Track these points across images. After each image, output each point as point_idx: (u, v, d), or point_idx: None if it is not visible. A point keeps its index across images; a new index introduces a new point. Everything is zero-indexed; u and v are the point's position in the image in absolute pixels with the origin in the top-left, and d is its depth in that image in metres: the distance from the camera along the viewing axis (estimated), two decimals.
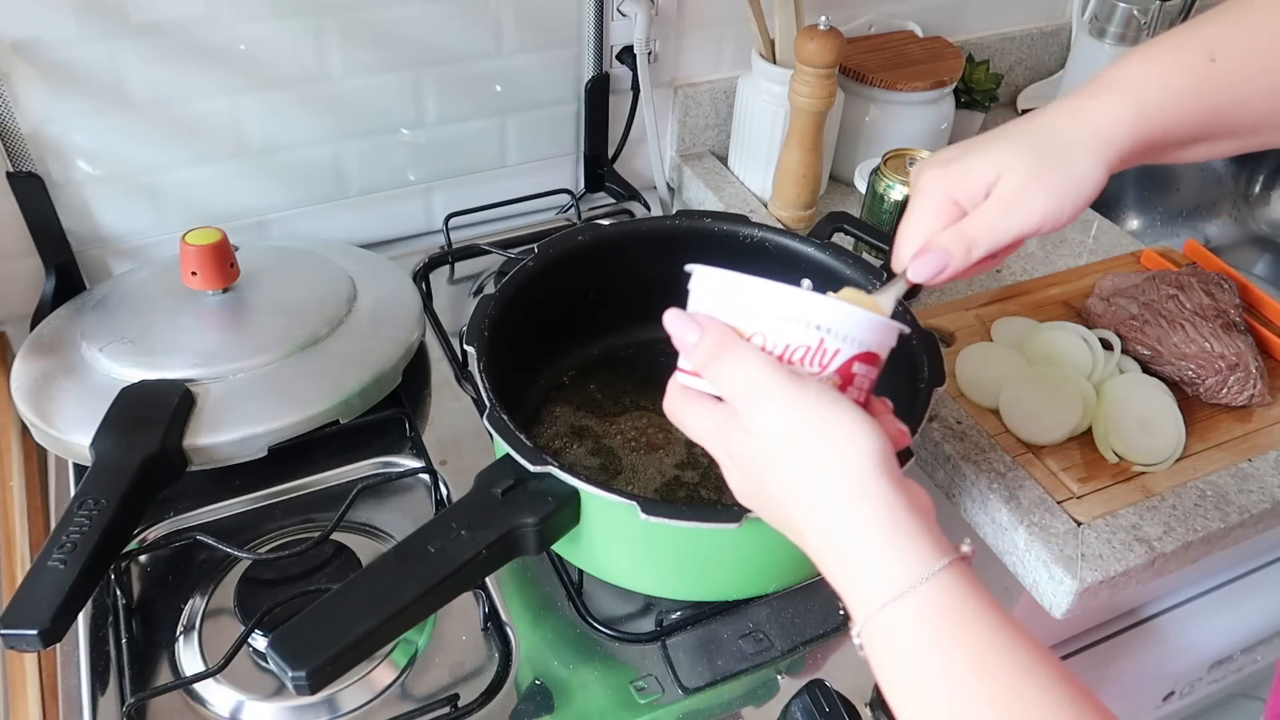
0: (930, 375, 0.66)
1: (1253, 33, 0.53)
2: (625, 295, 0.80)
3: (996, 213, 0.52)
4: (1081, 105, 0.53)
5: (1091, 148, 0.51)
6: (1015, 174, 0.52)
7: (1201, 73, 0.52)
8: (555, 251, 0.76)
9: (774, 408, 0.44)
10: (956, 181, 0.53)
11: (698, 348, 0.46)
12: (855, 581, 0.42)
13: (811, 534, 0.44)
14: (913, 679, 0.40)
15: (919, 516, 0.42)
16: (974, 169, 0.52)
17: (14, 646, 0.57)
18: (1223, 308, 0.85)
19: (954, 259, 0.52)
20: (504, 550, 0.59)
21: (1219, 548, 0.74)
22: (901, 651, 0.40)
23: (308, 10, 0.86)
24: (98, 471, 0.67)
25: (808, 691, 0.60)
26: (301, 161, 0.95)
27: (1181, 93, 0.52)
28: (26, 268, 0.88)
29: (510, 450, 0.60)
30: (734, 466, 0.48)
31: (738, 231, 0.79)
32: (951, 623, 0.40)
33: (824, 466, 0.43)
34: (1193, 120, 0.53)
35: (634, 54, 1.00)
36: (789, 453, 0.44)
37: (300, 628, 0.53)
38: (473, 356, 0.66)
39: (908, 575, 0.40)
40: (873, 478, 0.42)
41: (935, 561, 0.41)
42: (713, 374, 0.46)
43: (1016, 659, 0.39)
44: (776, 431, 0.44)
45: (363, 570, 0.56)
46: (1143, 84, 0.53)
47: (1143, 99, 0.52)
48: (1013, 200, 0.51)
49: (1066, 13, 1.27)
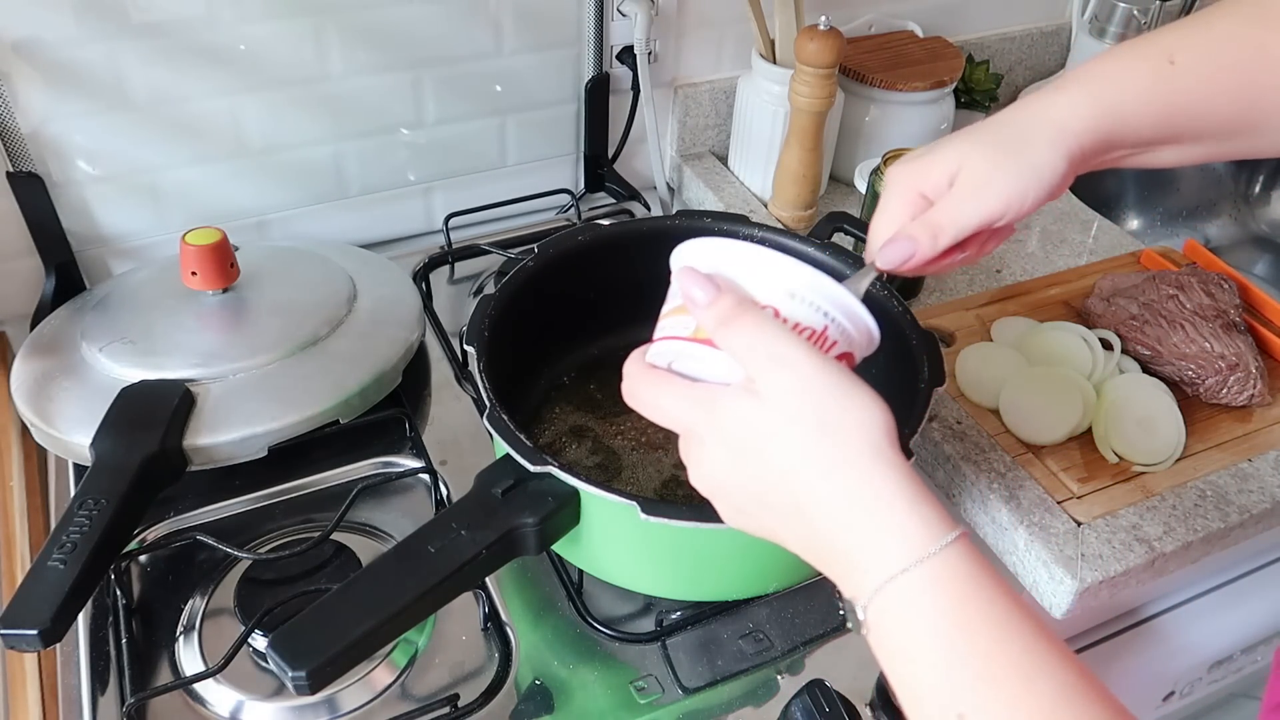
0: (930, 375, 0.66)
1: (1211, 36, 0.55)
2: (625, 295, 0.79)
3: (959, 201, 0.54)
4: (1042, 99, 0.55)
5: (1049, 138, 0.54)
6: (976, 164, 0.54)
7: (1161, 73, 0.54)
8: (555, 252, 0.76)
9: (795, 371, 0.43)
10: (921, 175, 0.56)
11: (713, 306, 0.44)
12: (869, 549, 0.41)
13: (819, 504, 0.43)
14: (928, 646, 0.40)
15: (928, 488, 0.43)
16: (938, 162, 0.55)
17: (14, 646, 0.57)
18: (1223, 308, 0.85)
19: (920, 246, 0.54)
20: (504, 550, 0.58)
21: (1219, 548, 0.74)
22: (916, 620, 0.40)
23: (307, 10, 0.86)
24: (98, 471, 0.67)
25: (808, 691, 0.60)
26: (301, 161, 0.95)
27: (1141, 91, 0.54)
28: (26, 268, 0.88)
29: (510, 450, 0.60)
30: (718, 443, 0.45)
31: (738, 231, 0.79)
32: (969, 588, 0.40)
33: (845, 431, 0.42)
34: (1152, 120, 0.55)
35: (634, 54, 1.00)
36: (807, 417, 0.43)
37: (300, 628, 0.53)
38: (473, 356, 0.66)
39: (926, 541, 0.40)
40: (890, 447, 0.42)
41: (951, 530, 0.41)
42: (728, 333, 0.44)
43: (1027, 627, 0.40)
44: (797, 394, 0.43)
45: (363, 570, 0.56)
46: (1103, 81, 0.55)
47: (1102, 94, 0.54)
48: (974, 189, 0.54)
49: (1066, 13, 1.27)
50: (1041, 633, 0.40)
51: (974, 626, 0.40)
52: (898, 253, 0.54)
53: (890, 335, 0.69)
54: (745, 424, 0.44)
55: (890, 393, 0.67)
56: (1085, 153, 0.54)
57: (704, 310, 0.45)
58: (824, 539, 0.43)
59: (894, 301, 0.72)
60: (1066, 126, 0.54)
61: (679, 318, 0.48)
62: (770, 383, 0.43)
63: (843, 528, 0.42)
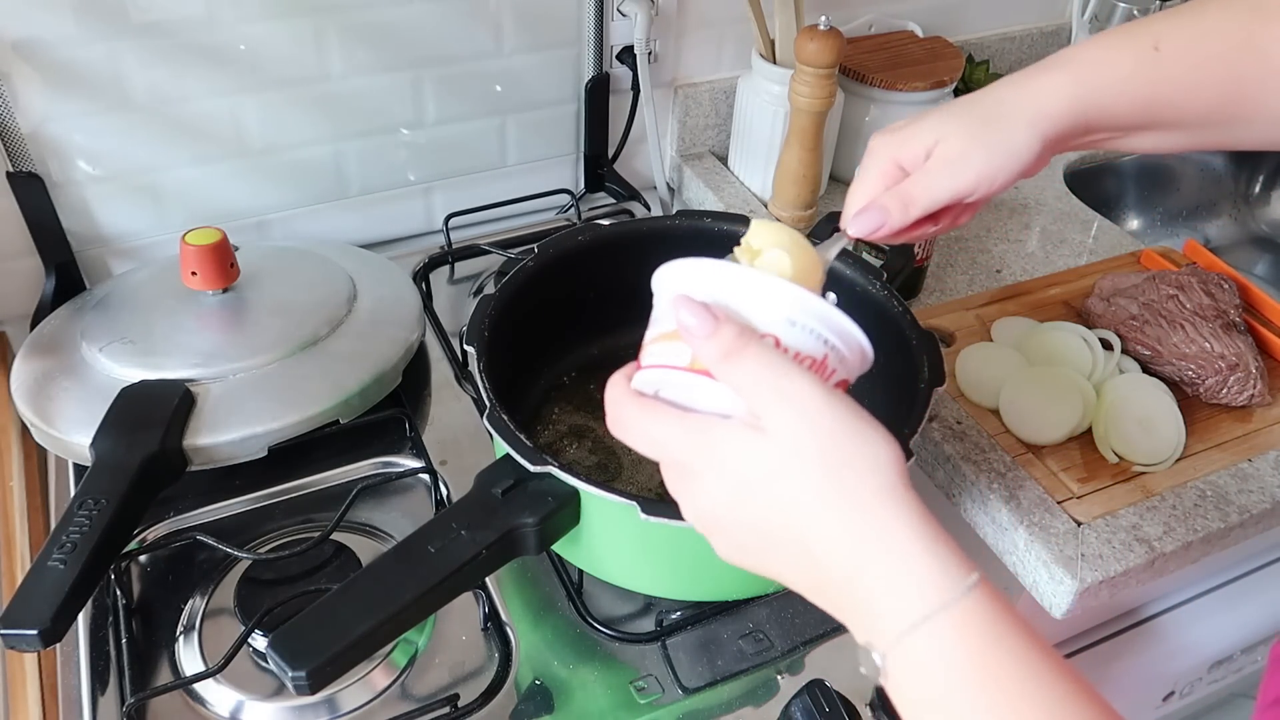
0: (930, 375, 0.66)
1: (1199, 26, 0.55)
2: (625, 295, 0.79)
3: (933, 174, 0.55)
4: (1025, 79, 0.56)
5: (1027, 119, 0.54)
6: (953, 139, 0.55)
7: (1146, 59, 0.55)
8: (555, 252, 0.76)
9: (799, 407, 0.41)
10: (900, 146, 0.56)
11: (714, 338, 0.42)
12: (885, 596, 0.39)
13: (830, 546, 0.40)
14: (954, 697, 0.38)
15: (941, 527, 0.41)
16: (917, 135, 0.56)
17: (14, 646, 0.57)
18: (1223, 308, 0.85)
19: (891, 216, 0.55)
20: (504, 550, 0.59)
21: (1219, 548, 0.74)
22: (940, 671, 0.38)
23: (307, 10, 0.86)
24: (98, 471, 0.67)
25: (808, 691, 0.60)
26: (301, 161, 0.95)
27: (1124, 76, 0.55)
28: (26, 268, 0.88)
29: (510, 450, 0.60)
30: (717, 477, 0.43)
31: (737, 231, 0.78)
32: (992, 634, 0.38)
33: (856, 470, 0.40)
34: (1134, 105, 0.55)
35: (634, 54, 1.00)
36: (818, 454, 0.40)
37: (300, 628, 0.53)
38: (473, 356, 0.66)
39: (945, 588, 0.38)
40: (903, 486, 0.41)
41: (969, 572, 0.39)
42: (730, 368, 0.42)
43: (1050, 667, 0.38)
44: (804, 431, 0.41)
45: (363, 570, 0.56)
46: (1086, 65, 0.55)
47: (1084, 78, 0.55)
48: (948, 163, 0.55)
49: (1066, 13, 1.27)
50: (1063, 671, 0.38)
51: (1000, 672, 0.38)
52: (869, 222, 0.56)
53: (890, 335, 0.70)
54: (749, 460, 0.42)
55: (890, 393, 0.68)
56: (1062, 135, 0.55)
57: (704, 342, 0.42)
58: (836, 583, 0.41)
59: (894, 301, 0.72)
60: (1045, 108, 0.54)
61: (670, 344, 0.45)
62: (777, 420, 0.41)
63: (856, 570, 0.40)
